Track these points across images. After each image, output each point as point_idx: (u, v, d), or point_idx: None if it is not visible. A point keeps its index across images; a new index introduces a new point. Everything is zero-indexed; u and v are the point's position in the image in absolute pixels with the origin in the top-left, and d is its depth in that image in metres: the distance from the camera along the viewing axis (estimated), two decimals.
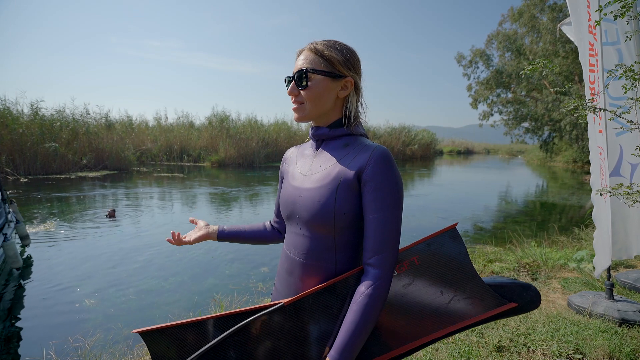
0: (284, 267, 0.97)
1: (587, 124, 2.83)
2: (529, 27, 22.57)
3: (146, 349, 2.62)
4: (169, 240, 1.14)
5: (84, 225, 6.60)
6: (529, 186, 14.85)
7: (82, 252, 5.16)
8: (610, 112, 2.26)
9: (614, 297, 2.81)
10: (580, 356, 2.16)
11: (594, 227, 3.44)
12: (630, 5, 1.84)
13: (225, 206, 8.94)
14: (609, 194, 2.43)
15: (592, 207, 2.83)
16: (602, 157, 2.65)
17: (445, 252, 0.91)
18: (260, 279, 4.23)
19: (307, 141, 1.04)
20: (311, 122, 0.99)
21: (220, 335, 0.87)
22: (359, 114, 0.97)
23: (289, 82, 0.94)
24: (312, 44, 0.93)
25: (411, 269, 0.91)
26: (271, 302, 0.92)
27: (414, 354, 1.93)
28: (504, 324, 2.53)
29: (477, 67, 27.51)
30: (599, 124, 2.61)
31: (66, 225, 6.58)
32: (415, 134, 30.45)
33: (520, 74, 2.59)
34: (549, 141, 26.31)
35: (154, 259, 4.94)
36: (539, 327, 2.48)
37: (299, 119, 0.94)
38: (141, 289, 3.99)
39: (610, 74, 2.24)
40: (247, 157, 19.66)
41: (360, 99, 0.97)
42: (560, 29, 3.47)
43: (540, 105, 23.36)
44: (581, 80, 17.58)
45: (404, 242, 0.84)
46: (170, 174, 14.84)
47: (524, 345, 2.29)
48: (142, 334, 0.87)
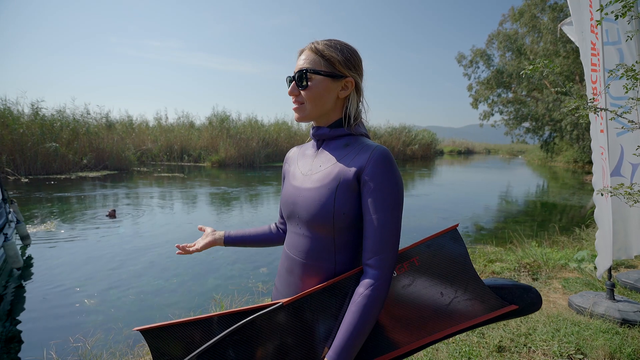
0: (284, 267, 0.97)
1: (588, 123, 2.83)
2: (530, 27, 22.54)
3: (147, 348, 2.63)
4: (179, 252, 1.16)
5: (84, 225, 6.60)
6: (529, 186, 14.83)
7: (83, 253, 5.16)
8: (611, 112, 2.26)
9: (615, 297, 2.80)
10: (581, 356, 2.15)
11: (594, 227, 3.44)
12: (631, 4, 1.83)
13: (225, 206, 8.93)
14: (610, 194, 2.43)
15: (593, 207, 2.82)
16: (603, 157, 2.65)
17: (445, 253, 0.91)
18: (260, 279, 4.23)
19: (309, 141, 1.04)
20: (312, 122, 0.99)
21: (220, 333, 0.87)
22: (360, 114, 0.97)
23: (290, 82, 0.94)
24: (313, 43, 0.92)
25: (411, 270, 0.90)
26: (271, 301, 0.92)
27: (414, 354, 1.93)
28: (504, 324, 2.53)
29: (478, 67, 27.53)
30: (601, 124, 2.61)
31: (67, 225, 6.59)
32: (415, 134, 30.43)
33: (521, 73, 2.58)
34: (550, 141, 26.30)
35: (154, 260, 4.94)
36: (540, 328, 2.48)
37: (299, 119, 0.94)
38: (141, 289, 3.99)
39: (611, 74, 2.24)
40: (247, 157, 19.66)
41: (361, 99, 0.96)
42: (560, 29, 3.46)
43: (540, 105, 23.34)
44: (582, 80, 17.55)
45: (405, 243, 0.84)
46: (170, 174, 14.85)
47: (524, 345, 2.29)
48: (143, 331, 0.88)
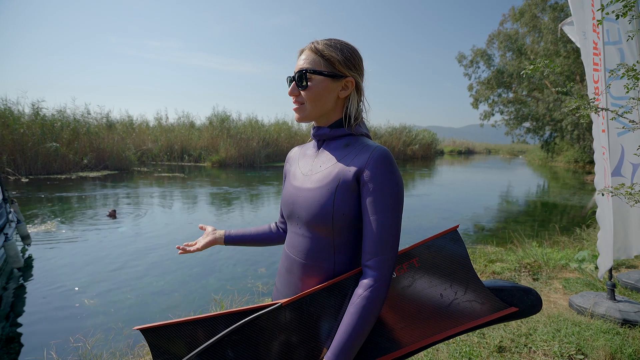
0: (284, 267, 0.97)
1: (588, 123, 2.83)
2: (530, 26, 22.53)
3: (147, 348, 2.63)
4: (180, 252, 1.18)
5: (84, 225, 6.60)
6: (530, 186, 14.80)
7: (83, 252, 5.16)
8: (612, 111, 2.25)
9: (616, 297, 2.80)
10: (581, 357, 2.15)
11: (595, 227, 3.43)
12: (632, 4, 1.83)
13: (226, 206, 8.93)
14: (611, 194, 2.42)
15: (593, 207, 2.82)
16: (604, 157, 2.64)
17: (445, 255, 0.90)
18: (260, 279, 4.23)
19: (310, 141, 1.04)
20: (313, 122, 0.99)
21: (219, 333, 0.87)
22: (361, 114, 0.96)
23: (290, 82, 0.94)
24: (313, 43, 0.92)
25: (411, 271, 0.90)
26: (271, 301, 0.92)
27: (414, 355, 1.93)
28: (505, 325, 2.53)
29: (478, 67, 27.52)
30: (602, 124, 2.60)
31: (67, 225, 6.59)
32: (416, 134, 30.42)
33: (521, 73, 2.58)
34: (550, 141, 26.28)
35: (154, 259, 4.94)
36: (540, 328, 2.47)
37: (299, 120, 0.94)
38: (142, 289, 3.99)
39: (612, 74, 2.23)
40: (247, 157, 19.65)
41: (362, 99, 0.96)
42: (561, 29, 3.45)
43: (541, 105, 23.33)
44: (582, 80, 17.54)
45: (405, 243, 0.83)
46: (171, 174, 14.85)
47: (525, 345, 2.28)
48: (143, 331, 0.88)
